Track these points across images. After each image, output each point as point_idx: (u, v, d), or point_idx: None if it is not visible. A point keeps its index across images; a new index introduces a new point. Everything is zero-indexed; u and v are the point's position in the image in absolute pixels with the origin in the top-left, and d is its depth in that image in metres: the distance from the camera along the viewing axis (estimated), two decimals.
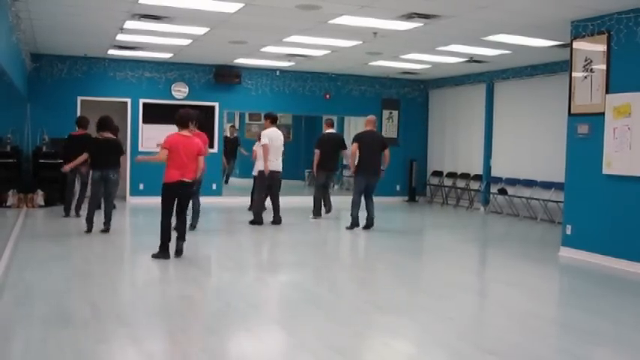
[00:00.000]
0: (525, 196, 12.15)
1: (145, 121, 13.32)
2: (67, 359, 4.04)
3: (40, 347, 4.22)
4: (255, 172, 10.57)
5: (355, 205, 10.07)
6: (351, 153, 10.10)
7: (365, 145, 9.95)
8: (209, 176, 13.61)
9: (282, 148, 10.35)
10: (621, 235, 7.49)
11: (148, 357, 4.30)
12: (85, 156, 9.29)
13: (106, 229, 8.99)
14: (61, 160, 10.38)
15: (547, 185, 11.69)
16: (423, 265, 8.17)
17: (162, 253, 7.26)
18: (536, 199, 11.83)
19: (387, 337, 4.79)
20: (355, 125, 17.23)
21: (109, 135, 9.15)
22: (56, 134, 12.36)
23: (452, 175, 14.55)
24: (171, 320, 5.00)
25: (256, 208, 10.38)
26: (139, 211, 11.93)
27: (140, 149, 13.21)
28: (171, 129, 7.44)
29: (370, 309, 5.54)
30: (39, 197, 11.69)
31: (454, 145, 14.66)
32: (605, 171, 7.63)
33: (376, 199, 12.09)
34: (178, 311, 5.29)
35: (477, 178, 13.80)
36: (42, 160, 12.03)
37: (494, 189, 13.14)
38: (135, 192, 13.21)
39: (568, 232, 8.23)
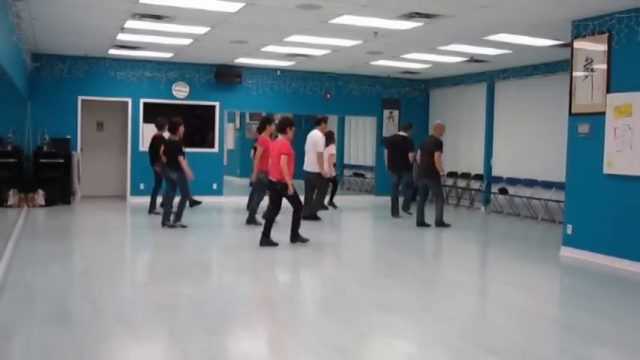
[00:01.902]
0: (526, 195, 12.14)
1: (145, 121, 13.32)
2: (68, 358, 4.04)
3: (40, 346, 4.22)
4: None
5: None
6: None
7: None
8: (209, 175, 13.70)
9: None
10: (622, 234, 7.48)
11: (148, 356, 4.30)
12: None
13: (164, 224, 9.66)
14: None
15: (548, 185, 11.68)
16: (423, 264, 8.16)
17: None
18: (537, 198, 11.82)
19: (388, 336, 4.79)
20: (356, 125, 17.27)
21: (170, 136, 9.80)
22: (57, 134, 12.39)
23: (453, 174, 14.54)
24: (171, 320, 5.00)
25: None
26: (140, 211, 11.92)
27: (141, 149, 13.23)
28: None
29: (371, 309, 5.53)
30: (39, 197, 11.70)
31: (455, 144, 14.64)
32: (606, 171, 7.62)
33: (377, 199, 12.18)
34: (179, 310, 5.29)
35: (478, 177, 13.79)
36: (43, 160, 12.05)
37: (494, 188, 13.13)
38: (135, 191, 13.21)
39: (569, 231, 8.22)
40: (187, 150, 13.04)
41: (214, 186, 13.87)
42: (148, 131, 13.29)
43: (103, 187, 13.70)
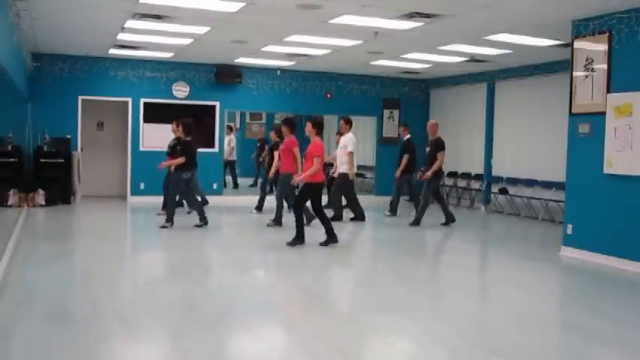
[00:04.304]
0: (526, 195, 12.14)
1: (145, 121, 13.32)
2: (68, 358, 4.04)
3: (40, 346, 4.22)
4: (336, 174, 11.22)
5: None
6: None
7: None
8: (209, 176, 13.69)
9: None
10: (622, 234, 7.48)
11: (148, 356, 4.30)
12: None
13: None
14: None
15: (548, 185, 11.68)
16: (423, 264, 8.16)
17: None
18: (537, 198, 11.82)
19: (388, 336, 4.79)
20: (356, 125, 17.21)
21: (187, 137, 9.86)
22: (57, 134, 12.40)
23: (453, 174, 14.54)
24: (171, 319, 5.01)
25: (354, 206, 11.11)
26: (140, 210, 11.93)
27: (141, 149, 13.23)
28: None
29: (371, 308, 5.53)
30: (40, 196, 11.70)
31: (455, 144, 14.61)
32: (607, 170, 7.62)
33: (377, 198, 12.19)
34: (179, 310, 5.29)
35: (478, 177, 13.79)
36: (43, 160, 12.05)
37: (495, 188, 13.13)
38: (135, 191, 13.22)
39: (569, 231, 8.22)
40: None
41: (214, 186, 13.87)
42: (148, 131, 13.30)
43: (104, 187, 13.70)
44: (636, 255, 7.28)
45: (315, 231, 8.94)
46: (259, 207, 11.68)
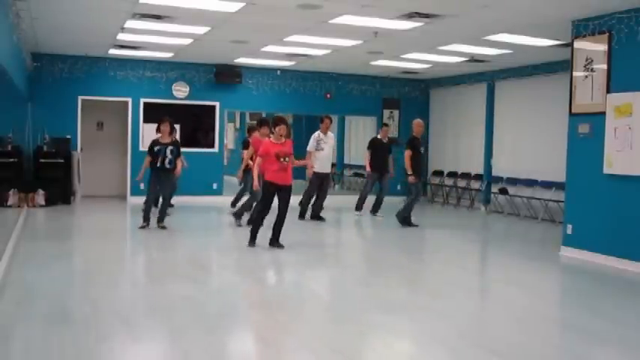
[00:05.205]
0: (526, 195, 12.14)
1: (145, 121, 13.31)
2: (68, 358, 4.04)
3: (40, 346, 4.22)
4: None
5: None
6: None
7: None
8: (209, 175, 13.70)
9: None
10: (622, 234, 7.48)
11: (148, 356, 4.30)
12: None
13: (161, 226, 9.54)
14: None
15: (548, 185, 11.68)
16: (423, 264, 8.16)
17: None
18: (537, 198, 11.82)
19: (388, 336, 4.79)
20: (356, 125, 17.27)
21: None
22: (57, 134, 12.39)
23: (453, 174, 14.54)
24: (171, 319, 5.00)
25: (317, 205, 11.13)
26: (140, 210, 11.91)
27: (141, 149, 13.22)
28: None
29: (371, 308, 5.53)
30: (40, 197, 11.69)
31: (455, 144, 14.66)
32: (606, 170, 7.62)
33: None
34: (179, 310, 5.29)
35: (478, 177, 13.79)
36: (43, 160, 12.05)
37: (495, 188, 13.13)
38: (135, 191, 13.20)
39: (569, 231, 8.22)
40: (187, 150, 13.11)
41: (214, 186, 13.87)
42: (148, 131, 13.29)
43: (103, 187, 13.70)
44: (636, 255, 7.28)
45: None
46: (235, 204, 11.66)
